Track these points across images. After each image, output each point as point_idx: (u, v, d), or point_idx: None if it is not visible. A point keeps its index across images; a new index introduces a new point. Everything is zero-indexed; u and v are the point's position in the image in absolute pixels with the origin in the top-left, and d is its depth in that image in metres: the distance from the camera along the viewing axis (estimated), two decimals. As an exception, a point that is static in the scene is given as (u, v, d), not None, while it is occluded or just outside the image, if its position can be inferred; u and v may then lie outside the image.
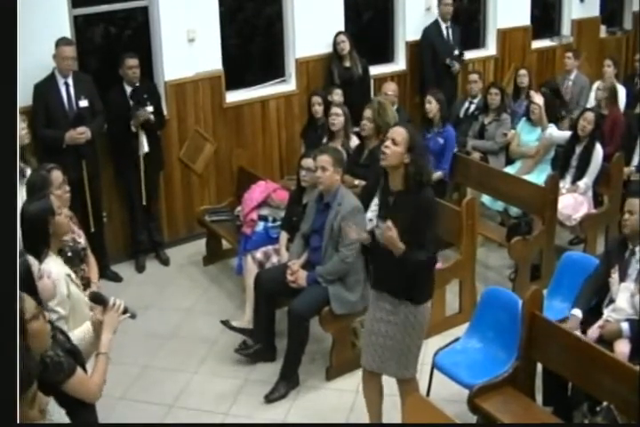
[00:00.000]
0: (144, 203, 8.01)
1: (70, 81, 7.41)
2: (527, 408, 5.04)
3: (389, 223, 4.53)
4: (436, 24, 9.82)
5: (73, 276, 4.65)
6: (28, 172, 5.78)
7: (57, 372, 3.71)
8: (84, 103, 7.45)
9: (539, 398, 5.33)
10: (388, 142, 4.74)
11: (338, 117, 7.64)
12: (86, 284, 5.20)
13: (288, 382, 6.02)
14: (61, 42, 7.27)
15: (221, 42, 8.62)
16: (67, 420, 3.54)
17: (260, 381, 6.12)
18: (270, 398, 5.92)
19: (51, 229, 4.52)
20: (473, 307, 6.28)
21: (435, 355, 5.60)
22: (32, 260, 4.25)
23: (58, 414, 3.48)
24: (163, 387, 6.14)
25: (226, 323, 6.47)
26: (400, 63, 10.15)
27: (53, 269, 4.35)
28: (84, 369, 3.94)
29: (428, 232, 4.72)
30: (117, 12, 8.22)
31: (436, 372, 5.59)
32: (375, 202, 4.97)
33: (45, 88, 7.38)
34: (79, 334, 4.37)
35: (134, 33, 8.57)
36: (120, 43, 8.50)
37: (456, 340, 5.73)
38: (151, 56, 8.35)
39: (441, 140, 8.08)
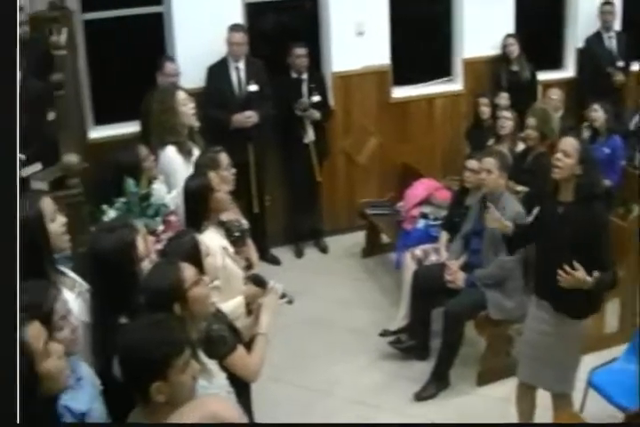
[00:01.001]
0: (308, 190, 8.21)
1: (241, 65, 7.63)
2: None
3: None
4: (597, 33, 9.59)
5: (230, 250, 4.81)
6: (196, 152, 5.91)
7: (221, 346, 3.85)
8: (253, 87, 7.64)
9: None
10: (560, 155, 4.68)
11: (507, 121, 7.58)
12: (249, 265, 5.32)
13: (439, 383, 6.03)
14: (232, 28, 7.53)
15: (389, 37, 8.62)
16: (225, 384, 3.63)
17: (411, 378, 6.16)
18: (420, 396, 5.96)
19: (210, 205, 4.73)
20: (633, 327, 6.09)
21: (590, 373, 5.49)
22: (199, 237, 4.37)
23: (219, 379, 3.58)
24: (314, 373, 6.26)
25: (385, 334, 6.51)
26: (568, 70, 9.93)
27: (210, 242, 4.47)
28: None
29: (608, 249, 4.65)
30: (288, 1, 8.43)
31: (590, 391, 5.48)
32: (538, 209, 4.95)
33: (217, 71, 7.63)
34: (231, 306, 4.49)
35: (303, 22, 8.73)
36: (289, 31, 8.66)
37: (614, 360, 5.60)
38: (319, 46, 8.47)
39: (607, 150, 7.89)
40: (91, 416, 3.08)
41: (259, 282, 4.65)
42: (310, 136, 7.93)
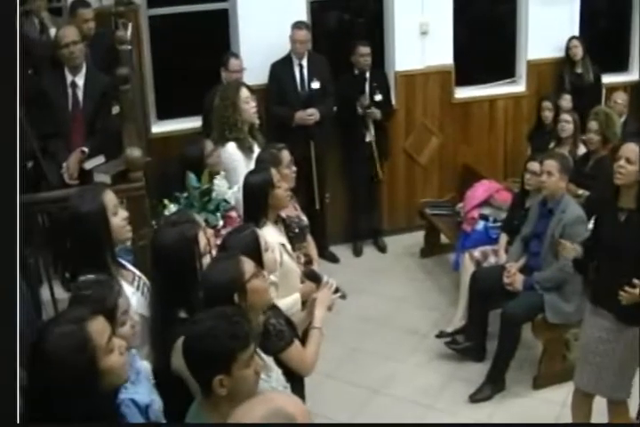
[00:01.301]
0: (369, 188, 8.22)
1: (304, 62, 7.67)
2: None
3: None
4: (665, 36, 9.46)
5: (288, 247, 4.82)
6: (256, 149, 5.93)
7: (278, 340, 3.85)
8: (315, 85, 7.69)
9: None
10: (622, 162, 4.58)
11: (567, 124, 7.49)
12: (309, 261, 5.34)
13: (494, 385, 5.98)
14: (296, 25, 7.56)
15: (453, 37, 8.58)
16: (282, 379, 3.64)
17: (466, 379, 6.12)
18: (475, 399, 5.92)
19: (269, 201, 4.75)
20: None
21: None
22: (260, 232, 4.39)
23: (276, 373, 3.60)
24: (369, 371, 6.25)
25: (441, 335, 6.50)
26: (634, 73, 9.76)
27: (268, 238, 4.48)
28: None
29: None
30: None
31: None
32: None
33: (280, 68, 7.67)
34: (288, 303, 4.51)
35: (367, 21, 8.73)
36: (352, 30, 8.69)
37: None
38: (382, 45, 8.46)
39: (673, 156, 7.77)
40: (152, 408, 3.12)
41: (313, 277, 4.66)
42: (372, 135, 7.92)
